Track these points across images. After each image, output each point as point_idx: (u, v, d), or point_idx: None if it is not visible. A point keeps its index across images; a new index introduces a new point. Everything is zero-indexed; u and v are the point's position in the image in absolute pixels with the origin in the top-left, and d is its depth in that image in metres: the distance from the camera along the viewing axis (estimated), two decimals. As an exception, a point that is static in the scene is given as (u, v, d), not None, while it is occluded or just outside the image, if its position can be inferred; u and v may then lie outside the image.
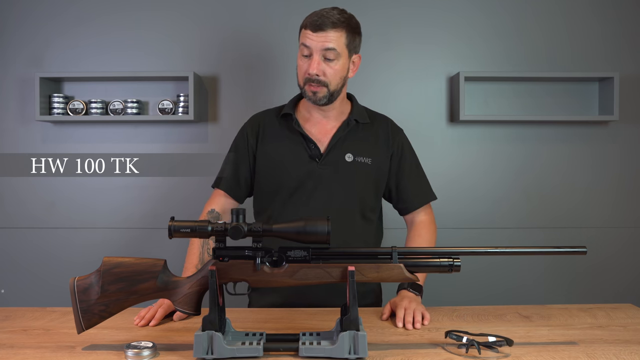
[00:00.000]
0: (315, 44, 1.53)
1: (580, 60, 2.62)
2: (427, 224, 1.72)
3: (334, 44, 1.53)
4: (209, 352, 1.10)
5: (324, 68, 1.55)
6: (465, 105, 2.52)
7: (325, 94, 1.57)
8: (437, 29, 2.63)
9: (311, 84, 1.56)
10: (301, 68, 1.58)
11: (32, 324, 1.38)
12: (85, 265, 1.87)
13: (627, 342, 1.23)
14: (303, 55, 1.57)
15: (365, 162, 1.64)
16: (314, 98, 1.58)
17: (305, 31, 1.55)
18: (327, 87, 1.56)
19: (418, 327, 1.35)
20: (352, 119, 1.66)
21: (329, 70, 1.55)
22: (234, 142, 1.74)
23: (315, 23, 1.53)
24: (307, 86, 1.57)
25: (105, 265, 1.18)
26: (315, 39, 1.53)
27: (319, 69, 1.54)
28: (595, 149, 2.65)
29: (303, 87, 1.59)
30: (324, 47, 1.53)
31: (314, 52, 1.54)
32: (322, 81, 1.55)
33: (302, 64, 1.58)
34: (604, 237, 2.65)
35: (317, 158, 1.62)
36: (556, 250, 1.22)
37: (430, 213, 1.75)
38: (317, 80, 1.55)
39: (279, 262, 1.18)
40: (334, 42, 1.53)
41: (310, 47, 1.54)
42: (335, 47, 1.54)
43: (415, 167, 1.74)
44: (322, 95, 1.57)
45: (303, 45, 1.56)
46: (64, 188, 2.62)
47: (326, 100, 1.59)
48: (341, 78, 1.59)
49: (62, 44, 2.60)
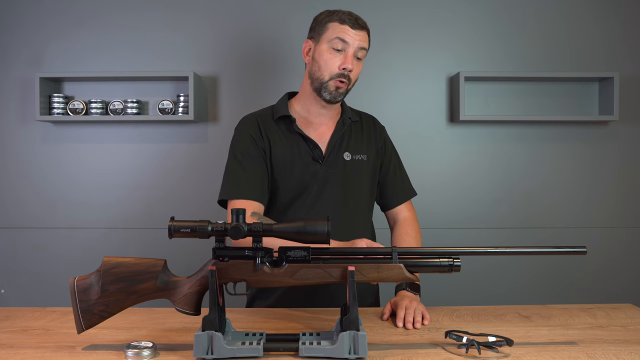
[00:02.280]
0: (354, 41, 1.55)
1: (580, 60, 2.63)
2: (412, 221, 1.73)
3: (366, 45, 1.58)
4: (209, 352, 1.10)
5: (354, 65, 1.57)
6: (465, 105, 2.52)
7: (345, 90, 1.60)
8: (437, 29, 2.63)
9: (340, 79, 1.56)
10: (332, 62, 1.56)
11: (32, 324, 1.38)
12: (85, 265, 1.87)
13: (627, 342, 1.23)
14: (335, 49, 1.55)
15: (362, 160, 1.66)
16: (335, 93, 1.58)
17: (343, 26, 1.55)
18: (349, 85, 1.59)
19: (418, 327, 1.35)
20: (347, 118, 1.68)
21: (356, 68, 1.59)
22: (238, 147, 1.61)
23: (354, 21, 1.55)
24: (333, 81, 1.57)
25: (105, 265, 1.18)
26: (354, 36, 1.55)
27: (353, 64, 1.56)
28: (595, 149, 2.65)
29: (327, 82, 1.57)
30: (360, 46, 1.56)
31: (350, 48, 1.55)
32: (350, 78, 1.58)
33: (333, 57, 1.56)
34: (604, 237, 2.65)
35: (320, 159, 1.62)
36: (556, 250, 1.22)
37: (412, 209, 1.77)
38: (347, 76, 1.56)
39: (279, 262, 1.18)
40: (366, 43, 1.58)
41: (349, 43, 1.54)
42: (366, 47, 1.59)
43: (398, 164, 1.77)
44: (343, 91, 1.59)
45: (339, 39, 1.54)
46: (64, 188, 2.62)
47: (342, 97, 1.61)
48: (357, 79, 1.63)
49: (62, 44, 2.60)
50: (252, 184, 1.56)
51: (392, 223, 1.76)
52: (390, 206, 1.75)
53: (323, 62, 1.57)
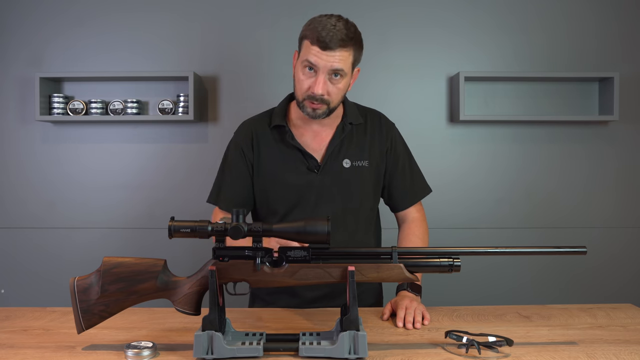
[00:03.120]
0: (323, 64, 1.43)
1: (580, 60, 2.63)
2: (420, 222, 1.70)
3: (342, 65, 1.44)
4: (209, 352, 1.10)
5: (328, 88, 1.46)
6: (465, 105, 2.52)
7: (325, 110, 1.50)
8: (437, 29, 2.63)
9: (313, 102, 1.48)
10: (302, 83, 1.47)
11: (32, 324, 1.38)
12: (85, 265, 1.87)
13: (627, 342, 1.23)
14: (307, 69, 1.46)
15: (363, 166, 1.61)
16: (313, 114, 1.50)
17: (312, 47, 1.43)
18: (329, 105, 1.50)
19: (418, 327, 1.35)
20: (347, 123, 1.61)
21: (333, 90, 1.47)
22: (227, 156, 1.66)
23: (324, 41, 1.41)
24: (307, 102, 1.49)
25: (105, 265, 1.18)
26: (323, 57, 1.42)
27: (324, 89, 1.45)
28: (595, 149, 2.65)
29: (302, 102, 1.51)
30: (332, 68, 1.43)
31: (320, 72, 1.44)
32: (325, 100, 1.48)
33: (304, 79, 1.47)
34: (604, 237, 2.65)
35: (316, 169, 1.58)
36: (556, 250, 1.22)
37: (422, 210, 1.73)
38: (321, 99, 1.47)
39: (279, 262, 1.18)
40: (342, 62, 1.44)
41: (317, 66, 1.43)
42: (343, 67, 1.44)
43: (409, 163, 1.70)
44: (322, 112, 1.50)
45: (308, 61, 1.44)
46: (64, 188, 2.62)
47: (325, 115, 1.52)
48: (342, 95, 1.53)
49: (62, 44, 2.60)
50: (229, 196, 1.63)
51: (401, 224, 1.73)
52: (398, 208, 1.71)
53: (297, 80, 1.50)
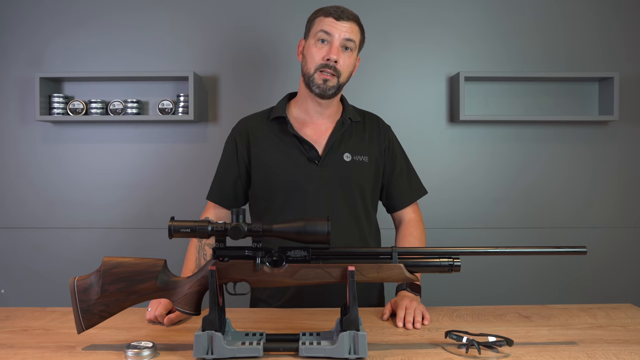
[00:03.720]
0: (337, 32, 1.54)
1: (580, 60, 2.62)
2: (417, 223, 1.72)
3: (354, 36, 1.56)
4: (209, 352, 1.10)
5: (341, 57, 1.55)
6: (465, 105, 2.52)
7: (335, 84, 1.57)
8: (437, 29, 2.63)
9: (325, 71, 1.54)
10: (316, 54, 1.55)
11: (32, 324, 1.38)
12: (85, 265, 1.87)
13: (627, 342, 1.23)
14: (320, 41, 1.55)
15: (363, 161, 1.64)
16: (324, 86, 1.56)
17: (326, 19, 1.55)
18: (339, 77, 1.56)
19: (418, 327, 1.35)
20: (347, 118, 1.65)
21: (345, 60, 1.56)
22: (223, 153, 1.72)
23: (338, 12, 1.55)
24: (318, 74, 1.55)
25: (105, 265, 1.18)
26: (338, 27, 1.54)
27: (339, 54, 1.54)
28: (595, 149, 2.65)
29: (313, 75, 1.56)
30: (345, 37, 1.54)
31: (335, 40, 1.54)
32: (337, 70, 1.55)
33: (317, 50, 1.55)
34: (604, 237, 2.65)
35: (316, 160, 1.61)
36: (556, 250, 1.22)
37: (418, 210, 1.75)
38: (333, 67, 1.54)
39: (279, 262, 1.18)
40: (354, 34, 1.56)
41: (332, 34, 1.54)
42: (354, 39, 1.56)
43: (405, 164, 1.74)
44: (332, 85, 1.56)
45: (323, 31, 1.54)
46: (64, 188, 2.62)
47: (333, 92, 1.58)
48: (350, 72, 1.60)
49: (62, 44, 2.60)
50: (218, 190, 1.69)
51: (397, 224, 1.75)
52: (395, 209, 1.73)
53: (310, 55, 1.58)
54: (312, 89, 1.58)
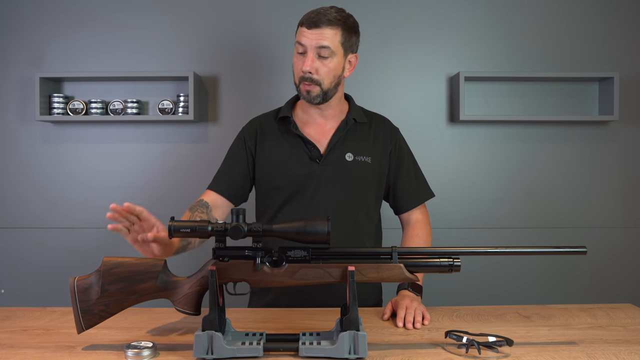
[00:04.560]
0: (309, 41, 1.53)
1: (580, 60, 2.62)
2: (423, 224, 1.72)
3: (328, 42, 1.52)
4: (209, 352, 1.10)
5: (317, 66, 1.54)
6: (465, 105, 2.52)
7: (319, 92, 1.57)
8: (437, 29, 2.63)
9: (305, 83, 1.56)
10: (296, 66, 1.58)
11: (32, 324, 1.38)
12: (85, 265, 1.87)
13: (627, 342, 1.23)
14: (298, 53, 1.56)
15: (366, 162, 1.64)
16: (308, 97, 1.58)
17: (301, 28, 1.55)
18: (320, 85, 1.56)
19: (418, 327, 1.35)
20: (351, 118, 1.66)
21: (322, 68, 1.54)
22: (231, 147, 1.73)
23: (311, 20, 1.53)
24: (301, 85, 1.58)
25: (105, 265, 1.18)
26: (309, 36, 1.52)
27: (312, 66, 1.53)
28: (595, 149, 2.65)
29: (298, 86, 1.59)
30: (318, 45, 1.52)
31: (308, 50, 1.53)
32: (315, 79, 1.55)
33: (297, 61, 1.57)
34: (604, 237, 2.65)
35: (318, 159, 1.62)
36: (556, 250, 1.22)
37: (425, 212, 1.75)
38: (309, 78, 1.54)
39: (279, 262, 1.18)
40: (329, 39, 1.52)
41: (305, 45, 1.53)
42: (330, 45, 1.53)
43: (413, 166, 1.74)
44: (316, 94, 1.57)
45: (298, 43, 1.55)
46: (64, 188, 2.62)
47: (320, 99, 1.58)
48: (335, 77, 1.57)
49: (62, 44, 2.60)
50: (220, 180, 1.67)
51: (405, 226, 1.75)
52: (402, 210, 1.73)
53: (294, 66, 1.60)
54: (301, 96, 1.61)
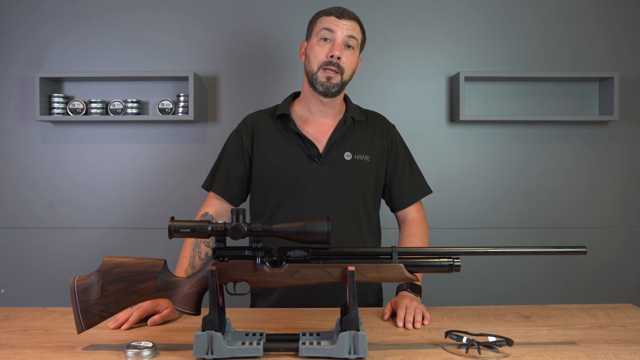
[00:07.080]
0: (339, 29, 1.57)
1: (580, 60, 2.63)
2: (419, 223, 1.72)
3: (355, 34, 1.59)
4: (209, 352, 1.10)
5: (344, 54, 1.58)
6: (465, 105, 2.52)
7: (339, 81, 1.59)
8: (437, 29, 2.63)
9: (329, 69, 1.57)
10: (320, 52, 1.58)
11: (32, 324, 1.38)
12: (85, 265, 1.87)
13: (627, 342, 1.23)
14: (322, 40, 1.58)
15: (364, 160, 1.65)
16: (327, 84, 1.58)
17: (328, 17, 1.59)
18: (342, 74, 1.59)
19: (418, 327, 1.35)
20: (349, 117, 1.67)
21: (348, 57, 1.59)
22: (227, 144, 1.73)
23: (339, 11, 1.59)
24: (322, 72, 1.58)
25: (105, 265, 1.18)
26: (339, 24, 1.57)
27: (342, 51, 1.57)
28: (595, 149, 2.65)
29: (316, 73, 1.59)
30: (347, 34, 1.58)
31: (337, 37, 1.57)
32: (340, 67, 1.58)
33: (320, 49, 1.58)
34: (604, 237, 2.65)
35: (317, 158, 1.62)
36: (556, 250, 1.22)
37: (422, 210, 1.75)
38: (336, 64, 1.57)
39: (279, 262, 1.18)
40: (356, 32, 1.60)
41: (335, 32, 1.57)
42: (356, 36, 1.60)
43: (409, 163, 1.74)
44: (336, 82, 1.59)
45: (325, 29, 1.58)
46: (64, 188, 2.62)
47: (337, 89, 1.60)
48: (352, 71, 1.63)
49: (62, 44, 2.60)
50: (222, 181, 1.68)
51: (401, 223, 1.75)
52: (398, 208, 1.74)
53: (313, 54, 1.61)
54: (315, 87, 1.60)
